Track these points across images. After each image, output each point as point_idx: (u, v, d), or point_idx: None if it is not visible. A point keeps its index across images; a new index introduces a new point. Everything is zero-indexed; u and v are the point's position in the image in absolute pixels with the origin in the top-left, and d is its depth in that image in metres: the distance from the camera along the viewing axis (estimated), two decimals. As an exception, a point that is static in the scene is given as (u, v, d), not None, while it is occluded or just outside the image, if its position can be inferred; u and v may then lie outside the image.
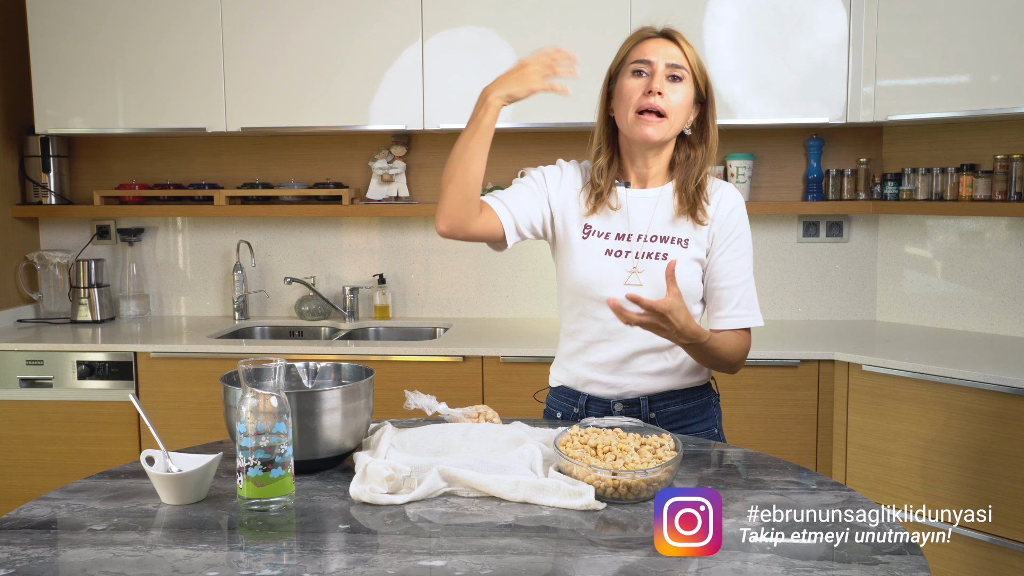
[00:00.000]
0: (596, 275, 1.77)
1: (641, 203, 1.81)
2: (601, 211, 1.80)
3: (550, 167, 1.87)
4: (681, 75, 1.74)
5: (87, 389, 3.04)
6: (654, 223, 1.79)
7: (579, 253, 1.80)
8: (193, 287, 3.66)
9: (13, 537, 1.27)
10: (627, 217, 1.80)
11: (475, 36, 3.09)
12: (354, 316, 3.52)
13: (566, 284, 1.83)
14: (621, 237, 1.79)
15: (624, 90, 1.75)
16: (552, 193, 1.83)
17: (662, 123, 1.73)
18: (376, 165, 3.46)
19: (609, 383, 1.82)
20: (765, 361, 2.83)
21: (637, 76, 1.74)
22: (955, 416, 2.57)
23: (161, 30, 3.20)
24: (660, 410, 1.83)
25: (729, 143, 3.39)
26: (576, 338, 1.84)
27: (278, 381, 1.46)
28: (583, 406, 1.85)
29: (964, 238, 3.14)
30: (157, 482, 1.40)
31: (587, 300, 1.79)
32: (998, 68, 2.70)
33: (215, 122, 3.22)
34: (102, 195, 3.44)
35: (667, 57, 1.74)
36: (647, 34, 1.78)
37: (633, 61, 1.75)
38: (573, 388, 1.87)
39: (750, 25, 3.00)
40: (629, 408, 1.83)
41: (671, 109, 1.73)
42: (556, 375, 1.92)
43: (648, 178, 1.82)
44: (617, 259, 1.78)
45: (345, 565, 1.17)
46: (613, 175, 1.82)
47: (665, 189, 1.81)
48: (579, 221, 1.81)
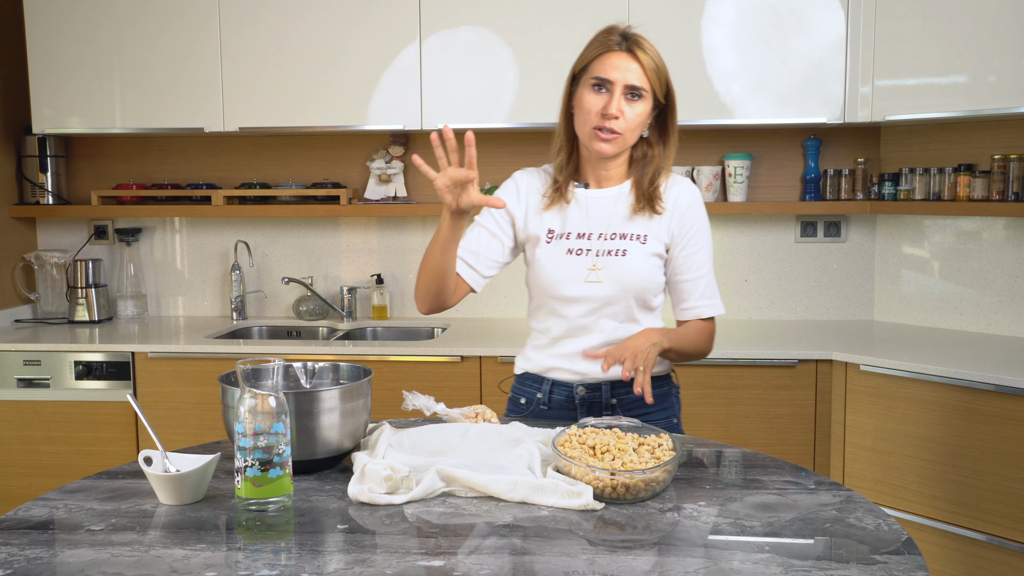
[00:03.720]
0: (558, 274, 1.85)
1: (600, 202, 1.87)
2: (558, 207, 1.87)
3: (505, 185, 1.93)
4: (640, 93, 1.79)
5: (85, 389, 3.04)
6: (613, 221, 1.86)
7: (543, 256, 1.87)
8: (191, 287, 3.66)
9: (11, 538, 1.26)
10: (587, 216, 1.86)
11: (473, 36, 3.09)
12: (352, 316, 3.52)
13: (533, 285, 1.91)
14: (582, 236, 1.86)
15: (584, 102, 1.80)
16: (514, 212, 1.90)
17: (617, 139, 1.79)
18: (374, 165, 3.46)
19: (573, 370, 1.89)
20: (763, 361, 2.84)
21: (597, 91, 1.79)
22: (953, 416, 2.57)
23: (159, 30, 3.20)
24: (621, 396, 1.90)
25: (727, 143, 3.40)
26: (545, 335, 1.92)
27: (276, 381, 1.46)
28: (547, 391, 1.92)
29: (962, 238, 3.14)
30: (155, 482, 1.39)
31: (552, 299, 1.87)
32: (996, 68, 2.70)
33: (213, 122, 3.22)
34: (100, 195, 3.44)
35: (626, 79, 1.77)
36: (612, 44, 1.80)
37: (594, 76, 1.79)
38: (537, 374, 1.94)
39: (748, 25, 3.01)
40: (592, 392, 1.89)
41: (627, 128, 1.79)
42: (521, 364, 2.00)
43: (606, 179, 1.88)
44: (578, 257, 1.84)
45: (343, 565, 1.17)
46: (572, 171, 1.89)
47: (623, 187, 1.88)
48: (542, 227, 1.88)
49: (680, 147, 3.34)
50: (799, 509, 1.37)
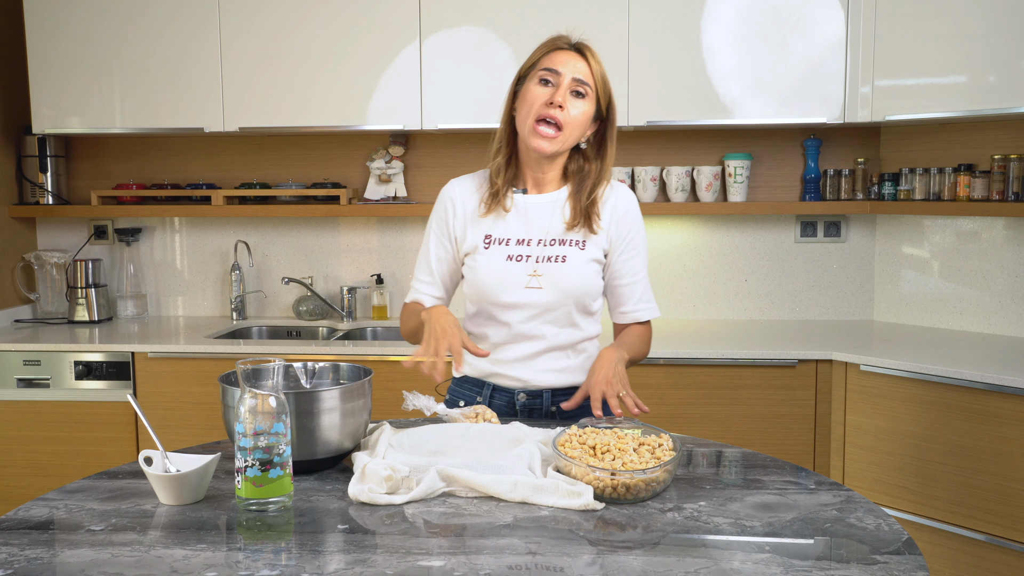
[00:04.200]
0: (498, 281, 1.85)
1: (538, 208, 1.88)
2: (496, 211, 1.88)
3: (440, 201, 1.94)
4: (585, 92, 1.81)
5: (84, 389, 3.04)
6: (552, 227, 1.87)
7: (481, 262, 1.87)
8: (191, 287, 3.66)
9: (11, 538, 1.26)
10: (526, 222, 1.87)
11: (473, 36, 3.09)
12: (352, 316, 3.51)
13: (471, 291, 1.91)
14: (521, 242, 1.86)
15: (528, 95, 1.81)
16: (454, 229, 1.91)
17: (556, 138, 1.80)
18: (374, 165, 3.46)
19: (514, 376, 1.90)
20: (763, 361, 2.84)
21: (543, 84, 1.81)
22: (952, 416, 2.57)
23: (159, 29, 3.19)
24: (561, 404, 1.90)
25: (727, 143, 3.40)
26: (484, 341, 1.92)
27: (276, 381, 1.46)
28: (487, 395, 1.93)
29: (961, 238, 3.14)
30: (155, 482, 1.39)
31: (491, 305, 1.88)
32: (996, 68, 2.70)
33: (213, 122, 3.22)
34: (99, 195, 3.44)
35: (575, 71, 1.80)
36: (561, 44, 1.84)
37: (542, 68, 1.82)
38: (478, 379, 1.95)
39: (748, 25, 3.01)
40: (532, 399, 1.90)
41: (568, 123, 1.80)
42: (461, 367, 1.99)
43: (544, 183, 1.89)
44: (518, 263, 1.85)
45: (344, 565, 1.17)
46: (510, 175, 1.89)
47: (561, 194, 1.89)
48: (480, 234, 1.88)
49: (680, 146, 3.40)
50: (799, 509, 1.37)
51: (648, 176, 3.29)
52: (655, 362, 2.86)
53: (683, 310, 3.48)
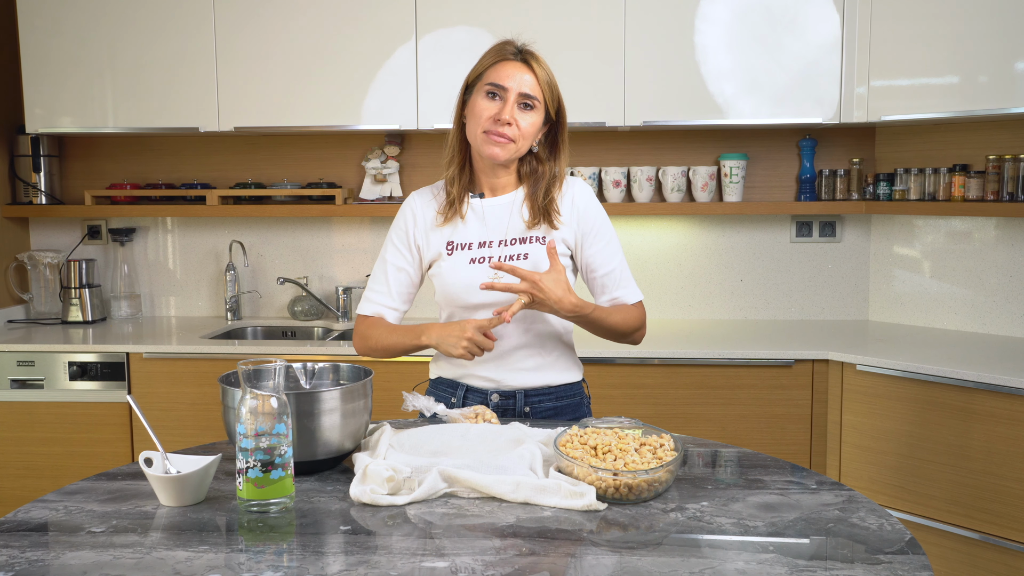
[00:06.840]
0: (464, 284, 1.86)
1: (496, 210, 1.90)
2: (454, 220, 1.89)
3: (401, 213, 1.95)
4: (533, 104, 1.82)
5: (79, 390, 3.02)
6: (511, 227, 1.88)
7: (446, 268, 1.89)
8: (185, 287, 3.65)
9: (11, 540, 1.26)
10: (485, 225, 1.89)
11: (469, 36, 3.09)
12: (347, 316, 3.51)
13: (439, 297, 1.93)
14: (483, 244, 1.88)
15: (476, 108, 1.82)
16: (416, 239, 1.92)
17: (509, 146, 1.82)
18: (369, 165, 3.45)
19: (487, 376, 1.91)
20: (759, 361, 2.84)
21: (491, 98, 1.82)
22: (947, 415, 2.58)
23: (153, 29, 3.18)
24: (535, 405, 1.92)
25: (722, 143, 3.40)
26: None
27: (278, 382, 1.45)
28: (461, 396, 1.93)
29: (955, 238, 3.15)
30: (156, 484, 1.39)
31: (460, 308, 1.90)
32: (988, 69, 2.72)
33: (207, 122, 3.21)
34: (93, 195, 3.42)
35: (521, 85, 1.81)
36: (507, 53, 1.84)
37: (488, 83, 1.82)
38: (452, 379, 1.96)
39: (742, 25, 3.01)
40: (506, 400, 1.91)
41: (519, 136, 1.81)
42: (435, 369, 2.02)
43: (499, 187, 1.91)
44: (481, 265, 1.86)
45: (346, 567, 1.17)
46: (464, 183, 1.91)
47: (517, 194, 1.91)
48: (442, 241, 1.90)
49: (676, 147, 3.41)
50: (802, 509, 1.37)
51: (644, 176, 3.29)
52: (651, 362, 2.87)
53: (679, 310, 3.48)
